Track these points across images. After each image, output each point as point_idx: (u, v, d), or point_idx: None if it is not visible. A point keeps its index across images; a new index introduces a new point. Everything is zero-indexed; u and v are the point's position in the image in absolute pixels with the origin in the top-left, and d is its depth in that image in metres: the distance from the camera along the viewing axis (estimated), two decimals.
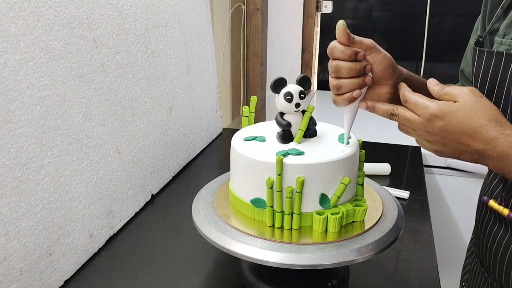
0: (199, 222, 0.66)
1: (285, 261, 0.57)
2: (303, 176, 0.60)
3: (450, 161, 1.49)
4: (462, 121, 0.55)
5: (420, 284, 0.74)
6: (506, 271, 0.69)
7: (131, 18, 0.90)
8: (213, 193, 0.73)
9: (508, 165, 0.55)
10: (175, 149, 1.11)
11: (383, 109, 0.61)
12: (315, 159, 0.61)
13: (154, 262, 0.79)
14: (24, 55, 0.64)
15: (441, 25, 2.06)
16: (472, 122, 0.55)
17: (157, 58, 1.00)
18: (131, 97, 0.91)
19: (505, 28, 0.65)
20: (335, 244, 0.60)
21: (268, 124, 0.73)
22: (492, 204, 0.67)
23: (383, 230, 0.63)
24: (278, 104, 0.66)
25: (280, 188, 0.60)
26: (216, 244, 0.61)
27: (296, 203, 0.61)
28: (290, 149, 0.63)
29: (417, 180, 1.12)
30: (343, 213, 0.62)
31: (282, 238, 0.61)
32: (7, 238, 0.62)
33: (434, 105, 0.56)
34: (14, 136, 0.63)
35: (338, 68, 0.60)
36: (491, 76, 0.65)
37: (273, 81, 0.64)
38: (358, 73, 0.61)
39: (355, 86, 0.61)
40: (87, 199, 0.78)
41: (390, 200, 0.71)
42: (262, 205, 0.63)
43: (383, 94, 0.64)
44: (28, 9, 0.65)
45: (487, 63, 0.65)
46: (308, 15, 2.11)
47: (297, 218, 0.62)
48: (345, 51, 0.59)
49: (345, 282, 0.70)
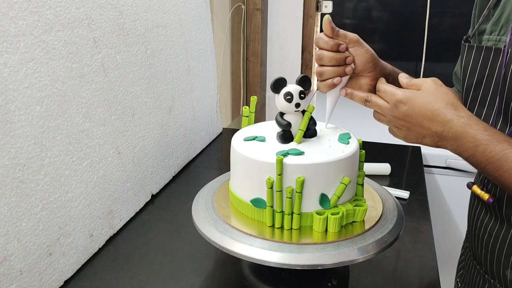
0: (199, 222, 0.66)
1: (285, 261, 0.57)
2: (303, 176, 0.60)
3: (450, 161, 1.49)
4: (423, 105, 0.61)
5: (420, 284, 0.74)
6: (496, 260, 0.70)
7: (131, 18, 0.90)
8: (213, 193, 0.73)
9: (462, 144, 0.60)
10: (175, 149, 1.11)
11: (359, 96, 0.69)
12: (315, 159, 0.61)
13: (154, 262, 0.79)
14: (24, 55, 0.64)
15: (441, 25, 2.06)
16: (431, 106, 0.61)
17: (157, 58, 1.00)
18: (131, 97, 0.91)
19: (492, 26, 0.70)
20: (335, 244, 0.60)
21: (268, 124, 0.73)
22: (475, 189, 0.72)
23: (383, 230, 0.63)
24: (278, 104, 0.66)
25: (280, 188, 0.60)
26: (216, 244, 0.61)
27: (296, 203, 0.61)
28: (290, 149, 0.63)
29: (417, 180, 1.12)
30: (343, 213, 0.62)
31: (282, 238, 0.61)
32: (7, 238, 0.62)
33: (399, 92, 0.64)
34: (14, 136, 0.63)
35: (321, 56, 0.67)
36: (480, 70, 0.69)
37: (273, 81, 0.64)
38: (339, 62, 0.67)
39: (335, 74, 0.68)
40: (87, 199, 0.78)
41: (390, 200, 0.71)
42: (262, 205, 0.63)
43: (363, 85, 0.70)
44: (28, 9, 0.65)
45: (476, 57, 0.69)
46: (308, 15, 2.11)
47: (297, 218, 0.62)
48: (328, 42, 0.67)
49: (345, 282, 0.70)
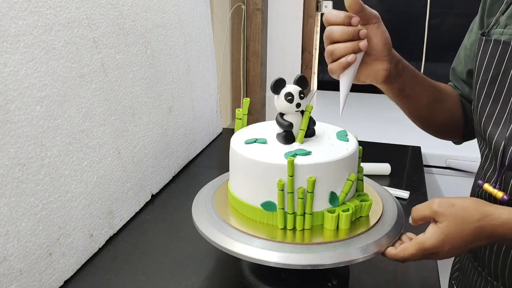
0: (199, 222, 0.65)
1: (286, 261, 0.57)
2: (314, 176, 0.60)
3: (450, 161, 1.49)
4: (456, 240, 0.57)
5: (420, 284, 0.74)
6: (502, 262, 0.69)
7: (131, 18, 0.90)
8: (213, 193, 0.73)
9: None
10: (175, 149, 1.11)
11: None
12: (324, 158, 0.61)
13: (154, 262, 0.79)
14: (24, 55, 0.64)
15: (441, 25, 2.06)
16: (464, 242, 0.56)
17: (157, 58, 1.00)
18: (131, 97, 0.91)
19: (507, 19, 0.66)
20: (336, 244, 0.60)
21: (262, 126, 0.73)
22: (487, 188, 0.68)
23: (383, 230, 0.63)
24: (278, 105, 0.65)
25: (292, 189, 0.60)
26: (216, 244, 0.61)
27: (308, 203, 0.61)
28: (296, 149, 0.63)
29: (417, 180, 1.12)
30: (352, 209, 0.62)
31: (282, 238, 0.61)
32: (7, 238, 0.62)
33: (427, 242, 0.57)
34: (14, 136, 0.63)
35: (331, 32, 0.59)
36: (496, 65, 0.66)
37: (273, 82, 0.64)
38: (352, 37, 0.59)
39: (349, 51, 0.60)
40: (87, 199, 0.78)
41: (390, 200, 0.71)
42: (273, 208, 0.62)
43: (380, 71, 0.64)
44: (28, 9, 0.65)
45: (493, 52, 0.66)
46: (308, 15, 2.11)
47: (309, 218, 0.62)
48: (338, 14, 0.59)
49: (345, 282, 0.70)
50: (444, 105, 0.81)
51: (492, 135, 0.68)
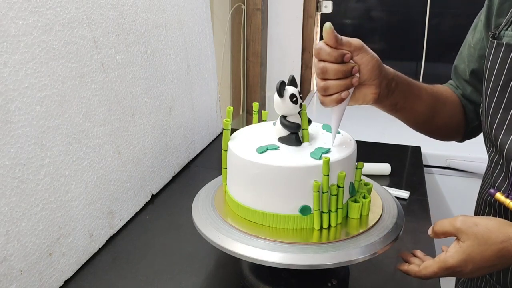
0: (199, 222, 0.65)
1: (286, 261, 0.57)
2: (343, 170, 0.61)
3: (450, 161, 1.49)
4: (481, 259, 0.56)
5: (420, 284, 0.74)
6: (511, 270, 0.69)
7: (131, 18, 0.90)
8: (213, 193, 0.73)
9: None
10: (175, 149, 1.11)
11: None
12: (344, 151, 0.63)
13: (154, 262, 0.79)
14: (24, 55, 0.64)
15: (441, 25, 2.06)
16: (487, 262, 0.56)
17: (157, 58, 1.00)
18: (131, 97, 0.91)
19: None
20: (335, 244, 0.60)
21: (250, 130, 0.72)
22: (499, 197, 0.67)
23: (383, 230, 0.63)
24: (283, 107, 0.64)
25: (327, 188, 0.60)
26: (216, 244, 0.61)
27: (340, 198, 0.62)
28: (315, 149, 0.63)
29: (417, 180, 1.12)
30: (367, 195, 0.65)
31: (283, 238, 0.61)
32: (7, 238, 0.62)
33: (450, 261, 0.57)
34: (14, 136, 0.63)
35: (325, 70, 0.60)
36: (508, 70, 0.65)
37: (279, 85, 0.62)
38: (345, 75, 0.61)
39: (342, 88, 0.61)
40: (87, 199, 0.78)
41: (390, 200, 0.71)
42: (309, 211, 0.62)
43: (368, 95, 0.65)
44: (28, 9, 0.65)
45: (504, 57, 0.65)
46: (308, 15, 2.11)
47: (340, 213, 0.63)
48: (331, 53, 0.59)
49: (345, 282, 0.70)
50: (443, 111, 0.80)
51: (504, 143, 0.67)
